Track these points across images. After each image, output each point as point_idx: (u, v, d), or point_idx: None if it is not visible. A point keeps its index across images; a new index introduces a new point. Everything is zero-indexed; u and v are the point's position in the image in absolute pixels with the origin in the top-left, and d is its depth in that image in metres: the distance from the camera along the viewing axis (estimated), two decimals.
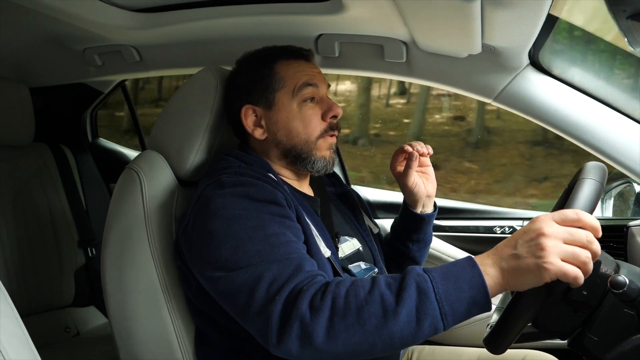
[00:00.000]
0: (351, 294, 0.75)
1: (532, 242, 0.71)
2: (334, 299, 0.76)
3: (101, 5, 1.24)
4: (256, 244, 0.84)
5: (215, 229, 0.87)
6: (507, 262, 0.73)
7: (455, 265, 0.76)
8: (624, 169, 1.19)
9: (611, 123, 1.19)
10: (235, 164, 1.01)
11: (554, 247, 0.70)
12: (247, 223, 0.86)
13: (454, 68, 1.28)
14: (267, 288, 0.80)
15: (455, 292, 0.73)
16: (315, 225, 1.00)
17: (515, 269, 0.72)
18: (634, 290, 0.75)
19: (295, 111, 1.04)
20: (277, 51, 1.09)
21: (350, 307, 0.74)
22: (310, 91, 1.05)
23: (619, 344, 0.79)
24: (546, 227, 0.72)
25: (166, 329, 1.02)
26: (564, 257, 0.70)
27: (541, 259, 0.70)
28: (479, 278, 0.73)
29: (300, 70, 1.06)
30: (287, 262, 0.82)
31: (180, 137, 1.11)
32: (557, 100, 1.22)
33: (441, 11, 0.95)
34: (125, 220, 1.05)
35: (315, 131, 1.05)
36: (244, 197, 0.90)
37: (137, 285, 1.03)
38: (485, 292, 0.72)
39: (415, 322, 0.73)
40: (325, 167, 1.07)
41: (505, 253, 0.74)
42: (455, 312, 0.73)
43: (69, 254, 1.83)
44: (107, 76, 1.78)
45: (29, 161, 1.80)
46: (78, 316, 1.84)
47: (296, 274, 0.81)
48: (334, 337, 0.74)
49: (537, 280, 0.71)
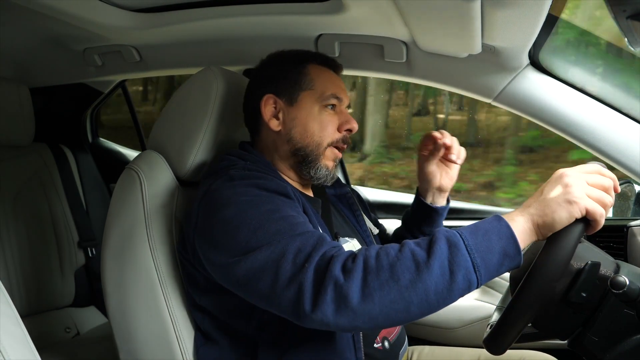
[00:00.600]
0: (382, 254, 0.76)
1: (557, 183, 0.76)
2: (365, 259, 0.76)
3: (101, 5, 1.24)
4: (275, 224, 0.84)
5: (231, 216, 0.86)
6: (535, 207, 0.76)
7: (483, 222, 0.78)
8: (624, 168, 1.19)
9: (611, 123, 1.19)
10: (240, 162, 1.02)
11: (580, 185, 0.75)
12: (261, 207, 0.86)
13: (454, 68, 1.28)
14: (293, 259, 0.79)
15: (486, 243, 0.74)
16: (318, 225, 1.00)
17: (546, 208, 0.75)
18: (634, 290, 0.75)
19: (315, 113, 1.06)
20: (313, 54, 1.12)
21: (382, 265, 0.74)
22: (334, 102, 1.07)
23: (619, 344, 0.79)
24: (569, 171, 0.77)
25: (166, 329, 1.02)
26: (589, 195, 0.75)
27: (569, 194, 0.74)
28: (507, 229, 0.75)
29: (331, 80, 1.09)
30: (309, 235, 0.82)
31: (180, 137, 1.11)
32: (557, 100, 1.22)
33: (441, 11, 0.95)
34: (125, 221, 1.05)
35: (329, 137, 1.06)
36: (254, 186, 0.91)
37: (137, 285, 1.03)
38: (515, 241, 0.74)
39: (449, 274, 0.73)
40: (325, 177, 1.08)
41: (531, 203, 0.78)
42: (487, 264, 0.74)
43: (69, 254, 1.83)
44: (107, 76, 1.78)
45: (29, 161, 1.80)
46: (78, 316, 1.85)
47: (320, 243, 0.81)
48: (369, 295, 0.73)
49: (568, 215, 0.74)
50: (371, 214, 1.35)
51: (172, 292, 1.03)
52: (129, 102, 2.21)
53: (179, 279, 1.05)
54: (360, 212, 1.24)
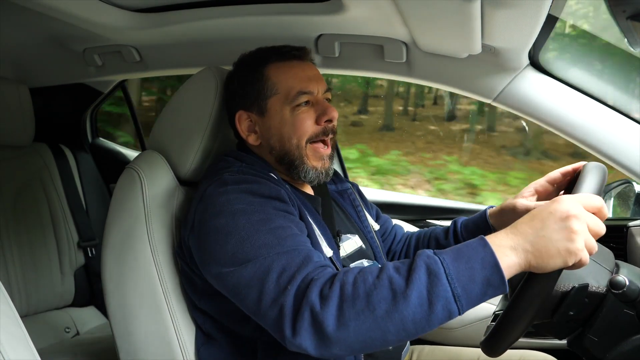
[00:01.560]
0: (359, 280, 0.74)
1: (564, 224, 0.69)
2: (342, 286, 0.74)
3: (101, 5, 1.24)
4: (262, 237, 0.83)
5: (221, 225, 0.87)
6: (533, 243, 0.70)
7: (466, 245, 0.74)
8: (623, 169, 1.19)
9: (611, 123, 1.19)
10: (236, 164, 1.01)
11: (584, 232, 0.69)
12: (252, 217, 0.86)
13: (454, 68, 1.28)
14: (277, 279, 0.78)
15: (468, 272, 0.70)
16: (317, 224, 1.00)
17: (544, 251, 0.70)
18: (634, 290, 0.75)
19: (287, 117, 1.02)
20: (266, 54, 1.06)
21: (358, 292, 0.73)
22: (305, 98, 1.02)
23: (619, 344, 0.79)
24: (575, 209, 0.70)
25: (166, 328, 1.02)
26: (587, 241, 0.70)
27: (573, 242, 0.69)
28: (491, 257, 0.70)
29: (293, 75, 1.03)
30: (295, 253, 0.81)
31: (181, 137, 1.12)
32: (557, 101, 1.22)
33: (441, 11, 0.95)
34: (125, 220, 1.05)
35: (306, 134, 1.02)
36: (247, 192, 0.90)
37: (137, 284, 1.03)
38: (499, 271, 0.70)
39: (428, 304, 0.70)
40: (317, 177, 1.05)
41: (530, 234, 0.71)
42: (469, 294, 0.70)
43: (69, 254, 1.83)
44: (107, 76, 1.78)
45: (29, 161, 1.80)
46: (78, 316, 1.85)
47: (305, 263, 0.80)
48: (345, 324, 0.72)
49: (563, 263, 0.70)
50: (372, 207, 1.33)
51: (173, 291, 1.03)
52: (129, 103, 2.21)
53: (179, 279, 1.05)
54: (361, 208, 1.23)
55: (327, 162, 1.06)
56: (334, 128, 1.05)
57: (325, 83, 1.08)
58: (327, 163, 1.06)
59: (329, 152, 1.06)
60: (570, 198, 0.73)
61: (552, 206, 0.72)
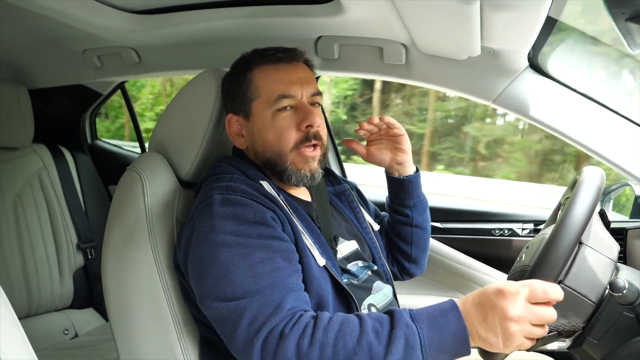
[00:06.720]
0: (340, 343, 0.77)
1: (501, 325, 0.75)
2: (322, 347, 0.77)
3: (100, 6, 1.24)
4: (240, 274, 0.85)
5: (204, 254, 0.89)
6: (479, 330, 0.77)
7: (442, 313, 0.79)
8: (623, 171, 1.19)
9: (610, 125, 1.20)
10: (230, 171, 1.01)
11: (521, 331, 0.75)
12: (233, 250, 0.87)
13: (454, 70, 1.28)
14: (248, 326, 0.82)
15: (440, 343, 0.77)
16: (310, 233, 0.99)
17: (486, 339, 0.77)
18: (633, 293, 0.75)
19: (269, 121, 1.00)
20: (252, 57, 1.04)
21: (338, 358, 0.77)
22: (287, 102, 1.00)
23: (619, 346, 0.79)
24: (513, 309, 0.75)
25: (168, 330, 1.02)
26: (526, 335, 0.76)
27: (509, 342, 0.75)
28: (463, 332, 0.77)
29: (276, 78, 1.01)
30: (269, 298, 0.83)
31: (182, 139, 1.11)
32: (556, 103, 1.22)
33: (440, 13, 0.96)
34: (127, 222, 1.05)
35: (289, 142, 1.00)
36: (232, 218, 0.90)
37: (138, 286, 1.03)
38: (467, 345, 0.77)
39: None
40: (308, 179, 1.03)
41: (476, 319, 0.78)
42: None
43: (68, 256, 1.82)
44: (106, 78, 1.77)
45: (28, 163, 1.80)
46: (76, 318, 1.84)
47: (276, 312, 0.82)
48: None
49: (503, 352, 0.78)
50: (370, 206, 1.33)
51: (175, 293, 1.03)
52: (128, 104, 2.21)
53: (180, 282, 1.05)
54: (360, 209, 1.22)
55: (314, 165, 1.03)
56: (317, 133, 1.02)
57: (316, 86, 1.05)
58: (313, 166, 1.03)
59: (315, 155, 1.03)
60: (512, 292, 0.75)
61: (497, 300, 0.76)
